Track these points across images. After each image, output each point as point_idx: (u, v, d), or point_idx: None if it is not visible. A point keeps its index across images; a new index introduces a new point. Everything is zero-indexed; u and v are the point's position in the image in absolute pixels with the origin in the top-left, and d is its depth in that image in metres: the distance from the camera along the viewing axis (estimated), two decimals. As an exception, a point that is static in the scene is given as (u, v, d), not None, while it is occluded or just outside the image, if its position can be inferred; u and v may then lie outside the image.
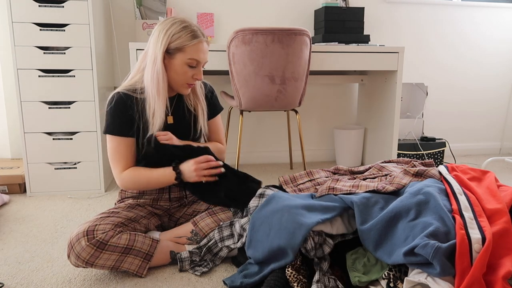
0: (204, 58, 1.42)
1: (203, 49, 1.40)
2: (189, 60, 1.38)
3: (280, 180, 1.72)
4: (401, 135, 2.84)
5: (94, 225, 1.26)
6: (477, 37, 3.17)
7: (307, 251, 1.20)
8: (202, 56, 1.40)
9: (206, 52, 1.43)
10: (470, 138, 3.35)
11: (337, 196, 1.36)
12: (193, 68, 1.40)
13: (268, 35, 2.07)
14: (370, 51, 2.39)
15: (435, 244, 1.01)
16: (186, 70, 1.39)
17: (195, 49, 1.37)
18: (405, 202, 1.22)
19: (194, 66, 1.40)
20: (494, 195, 1.21)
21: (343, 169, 1.78)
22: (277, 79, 2.16)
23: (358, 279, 1.18)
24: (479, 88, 3.27)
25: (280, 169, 2.80)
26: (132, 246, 1.29)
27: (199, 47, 1.38)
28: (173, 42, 1.36)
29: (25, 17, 2.03)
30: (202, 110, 1.54)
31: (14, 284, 1.28)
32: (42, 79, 2.09)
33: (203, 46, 1.40)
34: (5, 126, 2.53)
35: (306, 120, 3.01)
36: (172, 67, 1.39)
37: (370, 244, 1.18)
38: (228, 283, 1.25)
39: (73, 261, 1.24)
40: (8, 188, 2.19)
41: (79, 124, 2.16)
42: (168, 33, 1.36)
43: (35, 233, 1.69)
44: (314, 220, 1.21)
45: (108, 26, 2.50)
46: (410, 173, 1.45)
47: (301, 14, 2.85)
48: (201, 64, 1.42)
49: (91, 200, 2.11)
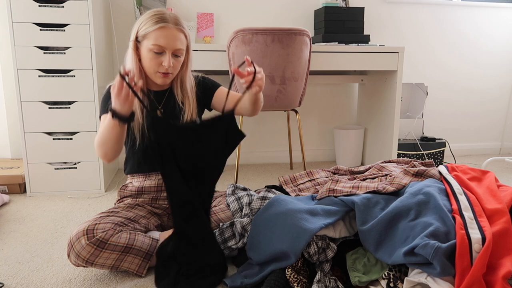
0: (167, 44, 1.33)
1: (167, 34, 1.33)
2: (152, 46, 1.33)
3: (280, 180, 1.72)
4: (401, 135, 2.84)
5: (94, 224, 1.26)
6: (477, 37, 3.17)
7: (310, 256, 1.20)
8: (165, 41, 1.33)
9: (172, 38, 1.34)
10: (470, 138, 3.35)
11: (337, 198, 1.36)
12: (159, 54, 1.35)
13: (268, 35, 2.07)
14: (370, 51, 2.39)
15: (435, 244, 1.01)
16: (152, 56, 1.35)
17: (158, 34, 1.33)
18: (405, 202, 1.22)
19: (159, 53, 1.34)
20: (494, 195, 1.20)
21: (343, 169, 1.78)
22: (277, 79, 2.16)
23: (358, 279, 1.18)
24: (479, 88, 3.27)
25: (280, 169, 2.80)
26: (132, 245, 1.29)
27: (162, 33, 1.33)
28: (140, 30, 1.35)
29: (25, 17, 2.03)
30: (189, 106, 1.49)
31: (14, 284, 1.28)
32: (42, 79, 2.09)
33: (166, 31, 1.33)
34: (5, 126, 2.53)
35: (306, 120, 3.01)
36: (142, 55, 1.38)
37: (371, 244, 1.18)
38: (228, 283, 1.25)
39: (73, 260, 1.24)
40: (8, 188, 2.19)
41: (79, 124, 2.16)
42: (138, 22, 1.37)
43: (35, 233, 1.69)
44: (317, 225, 1.21)
45: (108, 26, 2.50)
46: (410, 173, 1.45)
47: (301, 14, 2.85)
48: (166, 50, 1.35)
49: (91, 200, 2.11)
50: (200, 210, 1.28)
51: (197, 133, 1.25)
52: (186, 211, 1.27)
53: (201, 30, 2.61)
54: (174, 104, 1.49)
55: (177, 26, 1.36)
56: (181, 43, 1.37)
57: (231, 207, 1.55)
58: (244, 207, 1.54)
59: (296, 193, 1.59)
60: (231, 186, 1.65)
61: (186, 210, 1.26)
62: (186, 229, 1.27)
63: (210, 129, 1.27)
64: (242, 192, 1.61)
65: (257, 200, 1.50)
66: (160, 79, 1.39)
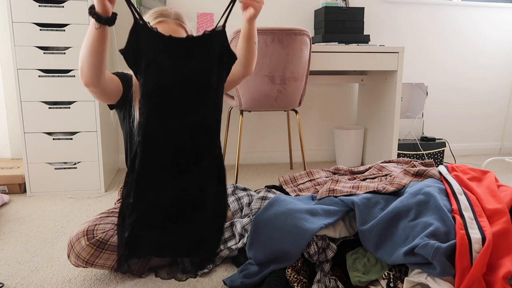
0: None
1: (164, 28, 1.34)
2: None
3: (280, 180, 1.72)
4: (401, 135, 2.84)
5: (94, 224, 1.26)
6: (477, 37, 3.17)
7: (310, 255, 1.20)
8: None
9: (171, 32, 1.23)
10: (470, 138, 3.35)
11: (337, 198, 1.36)
12: None
13: (268, 35, 2.07)
14: (370, 51, 2.39)
15: (435, 244, 1.01)
16: None
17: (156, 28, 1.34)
18: (405, 202, 1.22)
19: None
20: (494, 195, 1.20)
21: (343, 169, 1.78)
22: (277, 79, 2.16)
23: (358, 279, 1.18)
24: (479, 88, 3.27)
25: (280, 169, 2.80)
26: (132, 246, 1.29)
27: (160, 27, 1.33)
28: None
29: (25, 17, 2.03)
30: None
31: (14, 284, 1.28)
32: (42, 79, 2.09)
33: (164, 25, 1.34)
34: (5, 126, 2.53)
35: (306, 120, 3.01)
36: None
37: (371, 244, 1.19)
38: (228, 283, 1.25)
39: (73, 260, 1.24)
40: (8, 188, 2.19)
41: (79, 124, 2.16)
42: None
43: (35, 233, 1.69)
44: (318, 225, 1.21)
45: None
46: (410, 173, 1.45)
47: (301, 14, 2.85)
48: None
49: (91, 200, 2.11)
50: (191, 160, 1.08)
51: (185, 47, 1.08)
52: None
53: (201, 30, 2.61)
54: None
55: (177, 21, 1.37)
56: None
57: (231, 207, 1.55)
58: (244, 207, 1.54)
59: (296, 193, 1.60)
60: (231, 186, 1.65)
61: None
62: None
63: (200, 44, 1.10)
64: (242, 192, 1.61)
65: (257, 200, 1.50)
66: None
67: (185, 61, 1.08)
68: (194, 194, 1.10)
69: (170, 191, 1.07)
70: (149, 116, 1.06)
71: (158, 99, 1.06)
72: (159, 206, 1.07)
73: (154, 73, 1.05)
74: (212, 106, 1.13)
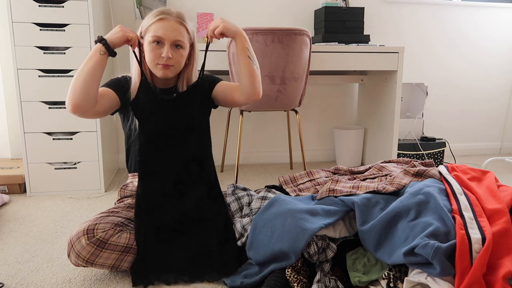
0: (165, 34, 1.35)
1: (165, 25, 1.36)
2: (152, 37, 1.36)
3: (280, 180, 1.72)
4: (401, 135, 2.84)
5: (94, 224, 1.26)
6: (477, 37, 3.17)
7: (310, 255, 1.20)
8: (163, 32, 1.35)
9: (170, 29, 1.36)
10: (470, 138, 3.35)
11: (337, 198, 1.36)
12: (158, 45, 1.37)
13: (268, 35, 2.07)
14: (370, 51, 2.39)
15: (435, 244, 1.01)
16: (153, 47, 1.37)
17: (157, 26, 1.36)
18: (405, 202, 1.22)
19: (158, 43, 1.37)
20: (494, 195, 1.21)
21: (343, 169, 1.78)
22: (277, 79, 2.16)
23: (358, 279, 1.18)
24: (479, 88, 3.27)
25: (280, 169, 2.80)
26: (132, 245, 1.29)
27: (161, 24, 1.36)
28: (143, 27, 1.39)
29: (25, 17, 2.03)
30: (194, 101, 1.51)
31: (14, 284, 1.28)
32: (42, 79, 2.09)
33: (165, 22, 1.36)
34: (5, 126, 2.53)
35: (306, 120, 3.01)
36: (145, 52, 1.40)
37: (370, 244, 1.19)
38: (228, 283, 1.25)
39: (73, 260, 1.24)
40: (8, 188, 2.19)
41: (79, 124, 2.16)
42: (143, 22, 1.41)
43: (35, 233, 1.69)
44: (317, 225, 1.21)
45: (108, 26, 2.50)
46: (410, 173, 1.45)
47: (301, 14, 2.85)
48: (166, 41, 1.36)
49: (91, 200, 2.11)
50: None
51: (175, 101, 1.44)
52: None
53: (201, 30, 2.61)
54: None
55: (178, 19, 1.38)
56: (180, 34, 1.38)
57: (231, 207, 1.55)
58: (244, 207, 1.54)
59: (296, 193, 1.60)
60: (231, 186, 1.65)
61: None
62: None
63: (186, 97, 1.45)
64: (242, 192, 1.61)
65: (257, 200, 1.50)
66: (161, 71, 1.39)
67: (175, 111, 1.44)
68: (193, 211, 1.40)
69: (172, 211, 1.38)
70: (150, 154, 1.40)
71: (157, 141, 1.41)
72: (164, 222, 1.37)
73: (153, 122, 1.41)
74: (198, 143, 1.47)
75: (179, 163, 1.43)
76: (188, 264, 1.32)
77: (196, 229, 1.39)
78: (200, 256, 1.34)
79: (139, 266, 1.29)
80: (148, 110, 1.40)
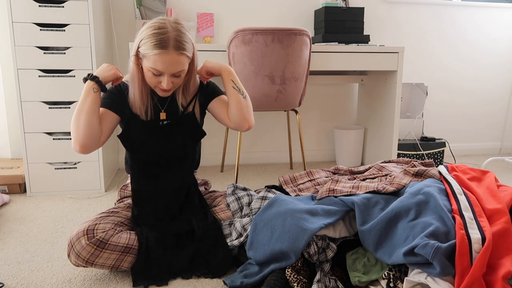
0: (166, 69, 1.29)
1: (165, 60, 1.28)
2: (151, 68, 1.30)
3: (280, 180, 1.72)
4: (401, 135, 2.84)
5: (94, 224, 1.26)
6: (477, 37, 3.17)
7: (310, 255, 1.20)
8: (162, 67, 1.29)
9: (170, 64, 1.29)
10: (470, 138, 3.35)
11: (337, 198, 1.36)
12: (157, 75, 1.32)
13: (268, 35, 2.07)
14: (370, 51, 2.39)
15: (435, 244, 1.01)
16: (151, 76, 1.33)
17: (155, 59, 1.28)
18: (405, 202, 1.22)
19: (157, 75, 1.32)
20: (494, 195, 1.21)
21: (343, 169, 1.78)
22: (277, 79, 2.16)
23: (358, 279, 1.18)
24: (479, 88, 3.27)
25: (280, 169, 2.80)
26: (132, 245, 1.29)
27: (159, 58, 1.28)
28: (141, 47, 1.31)
29: (25, 17, 2.03)
30: (191, 109, 1.49)
31: (14, 284, 1.28)
32: (42, 79, 2.09)
33: (165, 57, 1.28)
34: (5, 126, 2.53)
35: (306, 120, 3.01)
36: (143, 67, 1.35)
37: (370, 244, 1.19)
38: (228, 283, 1.25)
39: (73, 260, 1.24)
40: (8, 188, 2.19)
41: (79, 124, 2.16)
42: (139, 37, 1.32)
43: (35, 233, 1.69)
44: (317, 225, 1.21)
45: (108, 26, 2.50)
46: (410, 173, 1.46)
47: (301, 14, 2.85)
48: (166, 74, 1.31)
49: (91, 200, 2.11)
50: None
51: (165, 130, 1.45)
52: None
53: (201, 30, 2.61)
54: (176, 107, 1.48)
55: (178, 51, 1.29)
56: (181, 65, 1.32)
57: (231, 207, 1.55)
58: (244, 207, 1.54)
59: (296, 193, 1.60)
60: (231, 186, 1.65)
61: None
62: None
63: (176, 126, 1.46)
64: (242, 192, 1.61)
65: (257, 200, 1.50)
66: (161, 93, 1.38)
67: (166, 140, 1.45)
68: (185, 227, 1.44)
69: (166, 228, 1.43)
70: (142, 182, 1.44)
71: (149, 170, 1.45)
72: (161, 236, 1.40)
73: (144, 152, 1.44)
74: (188, 170, 1.50)
75: (171, 191, 1.46)
76: (187, 265, 1.35)
77: (190, 236, 1.43)
78: (195, 258, 1.38)
79: (140, 267, 1.29)
80: (138, 141, 1.43)
